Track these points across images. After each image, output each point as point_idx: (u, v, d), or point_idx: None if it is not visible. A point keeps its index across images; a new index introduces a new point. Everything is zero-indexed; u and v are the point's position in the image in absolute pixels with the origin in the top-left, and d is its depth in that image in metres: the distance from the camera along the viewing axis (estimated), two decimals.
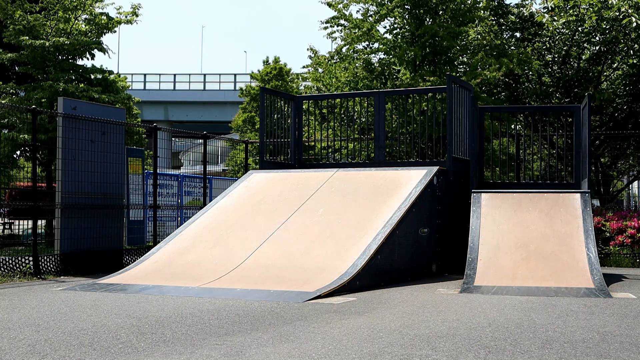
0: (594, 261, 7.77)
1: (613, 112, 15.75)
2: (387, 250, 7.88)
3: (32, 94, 14.55)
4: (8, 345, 4.30)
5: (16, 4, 14.97)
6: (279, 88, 28.22)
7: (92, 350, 4.15)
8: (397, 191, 8.92)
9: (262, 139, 10.99)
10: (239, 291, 6.80)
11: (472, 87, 11.13)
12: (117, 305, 6.10)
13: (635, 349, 4.29)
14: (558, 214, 8.76)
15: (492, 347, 4.31)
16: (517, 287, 7.27)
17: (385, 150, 11.36)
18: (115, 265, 9.81)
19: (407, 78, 14.85)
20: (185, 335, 4.65)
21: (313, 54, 17.84)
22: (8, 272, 8.70)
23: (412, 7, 15.10)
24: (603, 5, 13.90)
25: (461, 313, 5.71)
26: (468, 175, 10.27)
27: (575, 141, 10.95)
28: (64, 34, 14.98)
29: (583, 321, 5.32)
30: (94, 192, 9.75)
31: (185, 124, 55.13)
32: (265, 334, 4.70)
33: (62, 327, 4.97)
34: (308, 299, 6.41)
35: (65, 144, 9.40)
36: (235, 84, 54.74)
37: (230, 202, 9.52)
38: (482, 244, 8.32)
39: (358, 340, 4.50)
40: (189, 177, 16.41)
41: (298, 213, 8.76)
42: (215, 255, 8.06)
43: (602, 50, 15.26)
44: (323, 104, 16.43)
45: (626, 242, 11.25)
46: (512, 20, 15.86)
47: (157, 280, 7.46)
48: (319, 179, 9.72)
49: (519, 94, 16.19)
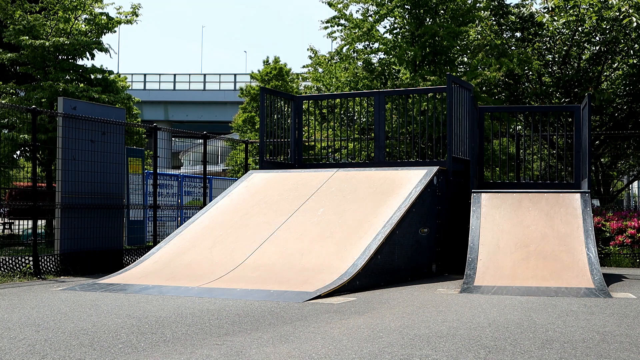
0: (594, 261, 7.77)
1: (613, 112, 15.75)
2: (387, 250, 7.88)
3: (32, 94, 14.55)
4: (8, 345, 4.29)
5: (16, 4, 14.96)
6: (279, 88, 28.22)
7: (92, 350, 4.15)
8: (397, 191, 8.92)
9: (262, 139, 10.99)
10: (239, 291, 6.80)
11: (472, 87, 11.13)
12: (117, 305, 6.09)
13: (635, 349, 4.28)
14: (558, 214, 8.76)
15: (492, 347, 4.31)
16: (517, 287, 7.27)
17: (385, 150, 11.36)
18: (115, 265, 9.81)
19: (407, 78, 14.85)
20: (185, 335, 4.65)
21: (313, 54, 17.84)
22: (8, 272, 8.70)
23: (412, 7, 15.11)
24: (603, 5, 13.90)
25: (461, 313, 5.71)
26: (468, 175, 10.27)
27: (575, 141, 10.95)
28: (64, 34, 14.98)
29: (583, 321, 5.32)
30: (94, 192, 9.75)
31: (185, 124, 55.13)
32: (265, 334, 4.69)
33: (62, 327, 4.97)
34: (308, 299, 6.41)
35: (65, 144, 9.40)
36: (235, 84, 54.72)
37: (230, 202, 9.52)
38: (482, 244, 8.32)
39: (358, 340, 4.50)
40: (189, 177, 16.41)
41: (298, 213, 8.76)
42: (215, 255, 8.05)
43: (602, 50, 15.26)
44: (323, 104, 16.44)
45: (626, 242, 11.25)
46: (512, 21, 15.86)
47: (157, 280, 7.46)
48: (319, 179, 9.72)
49: (519, 94, 16.19)
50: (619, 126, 15.60)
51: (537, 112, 13.24)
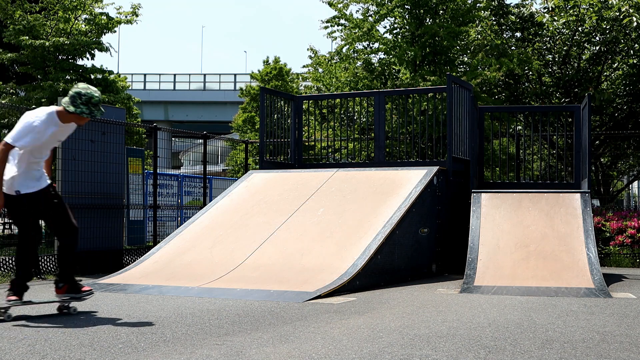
0: (594, 261, 7.76)
1: (613, 112, 15.75)
2: (387, 250, 7.88)
3: (32, 94, 14.55)
4: (8, 345, 4.29)
5: (16, 4, 14.96)
6: (279, 88, 28.22)
7: (92, 350, 4.15)
8: (397, 191, 8.92)
9: (262, 139, 10.99)
10: (239, 291, 6.80)
11: (472, 87, 11.13)
12: (117, 305, 6.10)
13: (635, 349, 4.28)
14: (558, 214, 8.76)
15: (492, 347, 4.31)
16: (517, 287, 7.27)
17: (385, 150, 11.36)
18: (115, 265, 9.81)
19: (407, 78, 14.85)
20: (185, 335, 4.65)
21: (313, 53, 17.84)
22: (8, 272, 8.70)
23: (412, 7, 15.11)
24: (603, 5, 13.90)
25: (461, 313, 5.71)
26: (468, 175, 10.27)
27: (575, 141, 10.95)
28: (64, 34, 14.97)
29: (583, 321, 5.32)
30: (94, 192, 9.75)
31: (185, 124, 55.12)
32: (265, 334, 4.69)
33: (62, 327, 4.97)
34: (308, 299, 6.41)
35: (65, 144, 9.40)
36: (235, 84, 54.73)
37: (230, 202, 9.52)
38: (482, 244, 8.32)
39: (358, 340, 4.50)
40: (189, 177, 16.41)
41: (298, 213, 8.76)
42: (215, 255, 8.05)
43: (602, 50, 15.26)
44: (323, 104, 16.44)
45: (626, 242, 11.26)
46: (513, 21, 15.86)
47: (157, 280, 7.46)
48: (319, 179, 9.72)
49: (519, 94, 16.19)
50: (619, 126, 15.60)
51: (537, 112, 13.24)
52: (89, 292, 5.64)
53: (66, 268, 5.54)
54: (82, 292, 5.59)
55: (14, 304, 5.29)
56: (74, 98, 5.23)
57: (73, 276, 5.57)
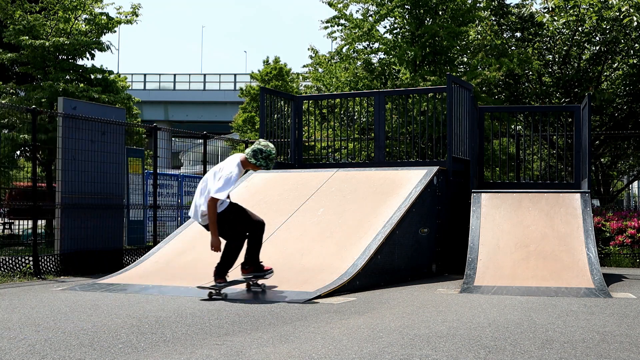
0: (594, 261, 7.76)
1: (613, 112, 15.75)
2: (387, 250, 7.88)
3: (32, 94, 14.55)
4: (8, 345, 4.30)
5: (16, 4, 14.96)
6: (279, 88, 28.21)
7: (92, 350, 4.15)
8: (397, 191, 8.92)
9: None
10: (239, 291, 6.79)
11: (472, 87, 11.13)
12: (117, 305, 6.09)
13: (635, 349, 4.28)
14: (558, 214, 8.76)
15: (492, 347, 4.31)
16: (517, 287, 7.27)
17: (385, 150, 11.36)
18: (115, 265, 9.81)
19: (407, 78, 14.85)
20: (185, 335, 4.65)
21: (313, 53, 17.84)
22: (8, 272, 8.70)
23: (412, 7, 15.11)
24: (603, 5, 13.90)
25: (461, 313, 5.71)
26: (468, 175, 10.27)
27: (575, 141, 10.95)
28: (64, 34, 14.98)
29: (583, 321, 5.32)
30: (94, 192, 9.75)
31: (185, 124, 55.10)
32: (265, 334, 4.69)
33: (62, 327, 4.97)
34: (308, 299, 6.41)
35: (65, 144, 9.40)
36: (235, 84, 54.71)
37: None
38: (482, 244, 8.32)
39: (358, 340, 4.50)
40: (189, 177, 16.42)
41: (298, 213, 8.76)
42: (215, 255, 8.03)
43: (602, 50, 15.26)
44: (323, 104, 16.44)
45: (626, 242, 11.25)
46: (513, 21, 15.86)
47: (157, 280, 7.46)
48: (319, 179, 9.72)
49: (519, 94, 16.19)
50: (619, 126, 15.60)
51: (537, 112, 13.24)
52: (270, 271, 6.82)
53: (253, 254, 6.72)
54: (265, 272, 6.79)
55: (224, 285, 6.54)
56: (255, 153, 6.55)
57: (258, 260, 6.75)
